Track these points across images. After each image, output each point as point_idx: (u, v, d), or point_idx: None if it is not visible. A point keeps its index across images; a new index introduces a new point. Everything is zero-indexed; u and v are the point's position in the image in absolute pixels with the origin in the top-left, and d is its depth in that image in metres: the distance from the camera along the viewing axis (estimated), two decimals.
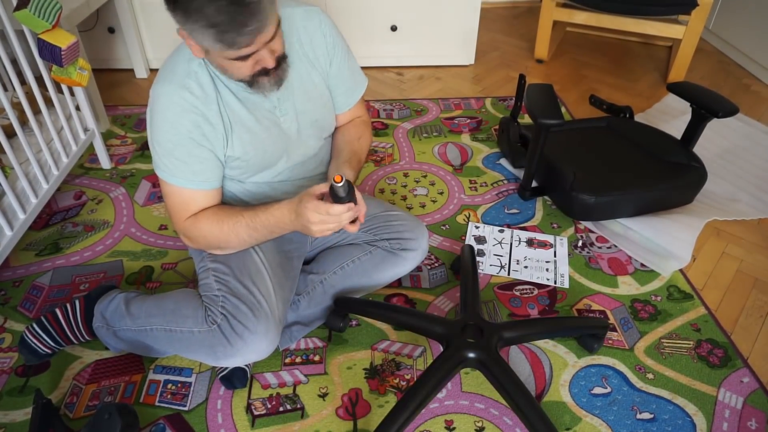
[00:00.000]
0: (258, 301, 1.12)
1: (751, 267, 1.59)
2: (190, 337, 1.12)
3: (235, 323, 1.08)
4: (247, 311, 1.09)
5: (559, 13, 2.55)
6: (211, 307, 1.12)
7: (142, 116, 2.20)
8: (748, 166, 1.98)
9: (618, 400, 1.22)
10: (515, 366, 1.28)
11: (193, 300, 1.17)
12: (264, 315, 1.11)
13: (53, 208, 1.72)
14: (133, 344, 1.22)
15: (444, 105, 2.33)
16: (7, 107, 1.41)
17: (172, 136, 1.05)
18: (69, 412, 1.17)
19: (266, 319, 1.11)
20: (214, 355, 1.10)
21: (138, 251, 1.57)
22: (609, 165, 1.71)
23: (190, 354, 1.16)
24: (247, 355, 1.10)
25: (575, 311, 1.42)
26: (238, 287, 1.13)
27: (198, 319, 1.12)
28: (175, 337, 1.14)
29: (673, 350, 1.33)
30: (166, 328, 1.14)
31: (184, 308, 1.15)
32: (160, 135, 1.06)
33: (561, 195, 1.69)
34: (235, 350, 1.08)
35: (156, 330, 1.16)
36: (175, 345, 1.16)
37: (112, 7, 2.28)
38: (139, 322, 1.17)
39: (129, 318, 1.18)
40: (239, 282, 1.13)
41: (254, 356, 1.11)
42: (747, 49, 2.66)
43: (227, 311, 1.10)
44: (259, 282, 1.15)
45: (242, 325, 1.08)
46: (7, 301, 1.41)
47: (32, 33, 1.50)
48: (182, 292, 1.21)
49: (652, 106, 2.35)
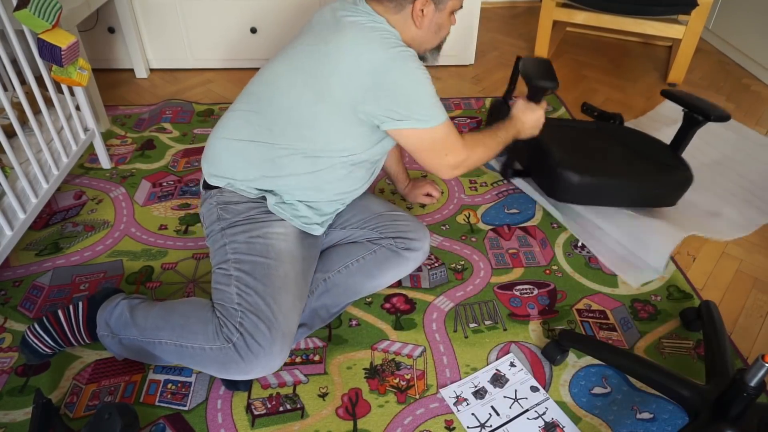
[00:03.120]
0: (276, 319, 1.09)
1: (751, 267, 1.59)
2: (201, 354, 1.11)
3: (252, 342, 1.07)
4: (265, 330, 1.07)
5: (559, 13, 2.55)
6: (227, 322, 1.09)
7: (142, 116, 2.20)
8: (737, 179, 1.93)
9: (618, 400, 1.22)
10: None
11: (201, 313, 1.14)
12: (280, 335, 1.09)
13: (53, 208, 1.72)
14: (138, 353, 1.20)
15: (444, 105, 2.33)
16: (7, 107, 1.41)
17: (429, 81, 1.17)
18: (69, 412, 1.17)
19: (282, 338, 1.09)
20: (225, 371, 1.10)
21: (138, 251, 1.57)
22: (597, 155, 1.70)
23: (199, 367, 1.15)
24: (259, 372, 1.10)
25: (575, 311, 1.42)
26: (259, 304, 1.10)
27: (209, 335, 1.09)
28: (186, 353, 1.13)
29: (673, 350, 1.33)
30: (175, 343, 1.13)
31: (193, 323, 1.13)
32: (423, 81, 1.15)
33: (546, 174, 1.67)
34: (249, 368, 1.08)
35: (165, 344, 1.14)
36: (185, 359, 1.15)
37: (112, 7, 2.28)
38: (147, 334, 1.16)
39: (135, 328, 1.17)
40: (262, 299, 1.11)
41: (264, 373, 1.11)
42: (747, 49, 2.66)
43: (245, 329, 1.08)
44: (280, 299, 1.12)
45: (258, 345, 1.07)
46: (7, 301, 1.41)
47: (32, 33, 1.50)
48: (188, 303, 1.19)
49: (645, 113, 2.33)
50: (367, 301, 1.43)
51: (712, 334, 1.24)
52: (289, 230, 1.23)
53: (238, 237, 1.19)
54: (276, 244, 1.18)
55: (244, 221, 1.21)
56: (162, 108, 2.25)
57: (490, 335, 1.36)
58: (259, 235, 1.18)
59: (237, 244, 1.18)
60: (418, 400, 1.21)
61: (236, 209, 1.22)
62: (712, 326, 1.26)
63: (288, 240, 1.21)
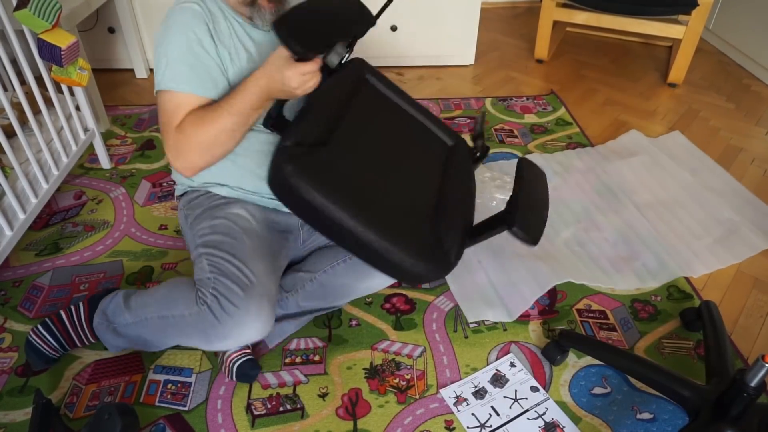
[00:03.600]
0: (249, 280, 1.10)
1: (751, 267, 1.59)
2: (182, 321, 1.11)
3: (225, 302, 1.06)
4: (238, 291, 1.07)
5: (559, 13, 2.55)
6: (202, 289, 1.10)
7: (142, 116, 2.20)
8: (674, 223, 1.70)
9: (618, 400, 1.22)
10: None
11: (184, 284, 1.16)
12: (256, 293, 1.08)
13: (53, 208, 1.72)
14: (131, 339, 1.21)
15: (444, 105, 2.33)
16: (7, 107, 1.41)
17: (184, 41, 1.09)
18: (69, 412, 1.17)
19: (259, 297, 1.08)
20: (206, 338, 1.09)
21: (138, 251, 1.57)
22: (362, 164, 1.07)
23: (185, 340, 1.15)
24: (240, 335, 1.07)
25: (575, 311, 1.42)
26: (229, 268, 1.11)
27: (189, 302, 1.11)
28: (169, 323, 1.13)
29: (673, 350, 1.33)
30: (159, 314, 1.14)
31: (175, 291, 1.15)
32: (172, 41, 1.10)
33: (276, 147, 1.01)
34: (226, 330, 1.06)
35: (150, 319, 1.15)
36: (169, 331, 1.14)
37: (112, 7, 2.28)
38: (136, 313, 1.17)
39: (127, 312, 1.18)
40: (232, 265, 1.12)
41: (246, 335, 1.08)
42: (747, 49, 2.66)
43: (218, 292, 1.08)
44: (252, 265, 1.13)
45: (231, 304, 1.06)
46: (7, 301, 1.41)
47: (32, 33, 1.50)
48: (175, 278, 1.21)
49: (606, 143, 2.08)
50: (367, 301, 1.43)
51: (712, 334, 1.23)
52: (248, 209, 1.24)
53: (203, 224, 1.22)
54: (237, 221, 1.20)
55: (206, 210, 1.24)
56: None
57: (490, 335, 1.36)
58: (219, 216, 1.21)
59: (202, 229, 1.21)
60: (418, 400, 1.21)
61: (198, 202, 1.26)
62: (712, 326, 1.25)
63: (247, 217, 1.22)
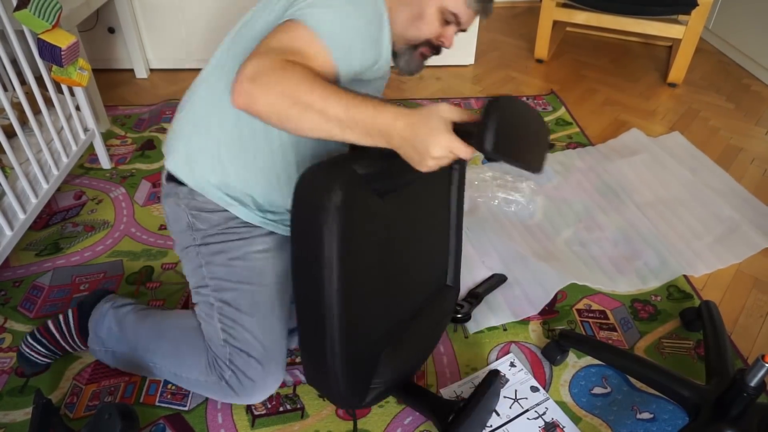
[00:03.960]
0: (266, 351, 1.08)
1: (751, 267, 1.59)
2: (197, 383, 1.13)
3: (244, 378, 1.07)
4: (256, 366, 1.07)
5: (559, 13, 2.56)
6: (218, 359, 1.09)
7: (142, 116, 2.20)
8: (675, 222, 1.71)
9: (618, 400, 1.22)
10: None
11: (192, 340, 1.12)
12: (273, 365, 1.09)
13: (53, 208, 1.72)
14: (133, 367, 1.21)
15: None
16: (7, 107, 1.41)
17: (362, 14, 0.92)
18: (69, 412, 1.17)
19: (275, 366, 1.10)
20: (223, 398, 1.13)
21: (138, 251, 1.57)
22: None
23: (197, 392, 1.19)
24: (257, 400, 1.12)
25: (575, 311, 1.42)
26: (247, 339, 1.07)
27: (202, 368, 1.10)
28: (182, 380, 1.15)
29: (673, 350, 1.33)
30: (171, 371, 1.15)
31: (185, 354, 1.13)
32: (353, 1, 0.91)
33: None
34: (245, 399, 1.11)
35: (162, 370, 1.16)
36: (183, 384, 1.17)
37: (112, 7, 2.28)
38: (140, 354, 1.16)
39: (127, 345, 1.17)
40: (249, 333, 1.07)
41: (263, 398, 1.13)
42: (747, 49, 2.66)
43: (236, 367, 1.07)
44: (268, 327, 1.09)
45: (250, 380, 1.07)
46: (7, 301, 1.41)
47: (32, 33, 1.50)
48: (177, 327, 1.16)
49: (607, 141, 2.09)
50: None
51: (712, 334, 1.23)
52: (271, 244, 1.10)
53: (216, 259, 1.07)
54: (257, 265, 1.08)
55: (220, 235, 1.07)
56: (162, 108, 2.25)
57: (490, 335, 1.35)
58: (238, 257, 1.07)
59: (215, 267, 1.08)
60: None
61: (211, 219, 1.07)
62: (712, 326, 1.25)
63: (270, 257, 1.09)
